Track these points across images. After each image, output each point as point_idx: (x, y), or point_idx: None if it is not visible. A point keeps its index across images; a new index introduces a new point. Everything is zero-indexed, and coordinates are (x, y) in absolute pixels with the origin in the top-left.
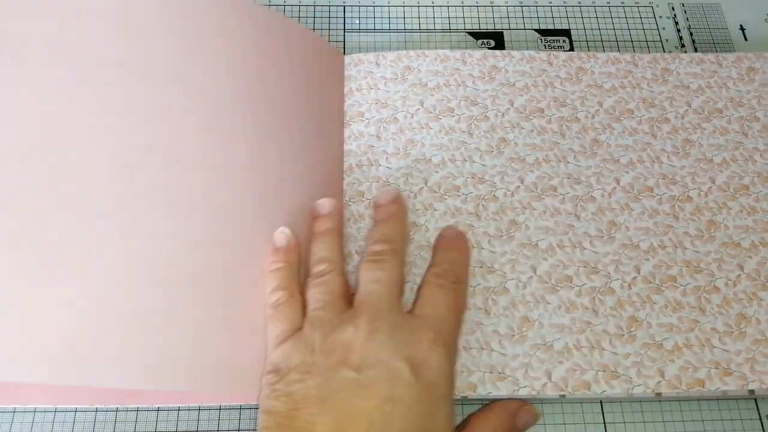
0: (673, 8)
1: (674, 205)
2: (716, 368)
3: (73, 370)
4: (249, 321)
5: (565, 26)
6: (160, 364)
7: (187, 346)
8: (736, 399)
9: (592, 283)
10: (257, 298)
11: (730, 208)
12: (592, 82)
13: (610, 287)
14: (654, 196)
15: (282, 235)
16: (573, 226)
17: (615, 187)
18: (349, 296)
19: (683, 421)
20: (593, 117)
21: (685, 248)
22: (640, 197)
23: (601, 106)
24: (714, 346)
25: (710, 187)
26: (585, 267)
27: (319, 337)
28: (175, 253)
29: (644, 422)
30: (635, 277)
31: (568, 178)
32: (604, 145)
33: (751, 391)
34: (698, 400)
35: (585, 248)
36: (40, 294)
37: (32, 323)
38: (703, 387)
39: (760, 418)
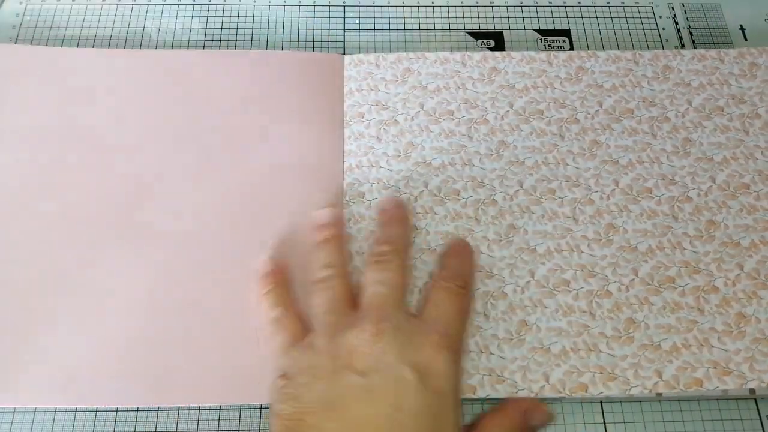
0: (672, 8)
1: (673, 205)
2: (715, 368)
3: (96, 392)
4: (246, 338)
5: (565, 26)
6: (170, 382)
7: (192, 364)
8: (736, 399)
9: (590, 286)
10: (256, 315)
11: (730, 207)
12: (592, 81)
13: (607, 290)
14: (653, 197)
15: (264, 263)
16: (571, 230)
17: (614, 189)
18: (353, 299)
19: (683, 421)
20: (593, 118)
21: (684, 249)
22: (639, 198)
23: (601, 107)
24: (713, 346)
25: (710, 186)
26: (582, 270)
27: (325, 340)
28: (178, 283)
29: (644, 422)
30: (633, 279)
31: (567, 181)
32: (603, 146)
33: (752, 391)
34: (698, 400)
35: (583, 252)
36: (66, 329)
37: (59, 355)
38: (701, 387)
39: (760, 418)
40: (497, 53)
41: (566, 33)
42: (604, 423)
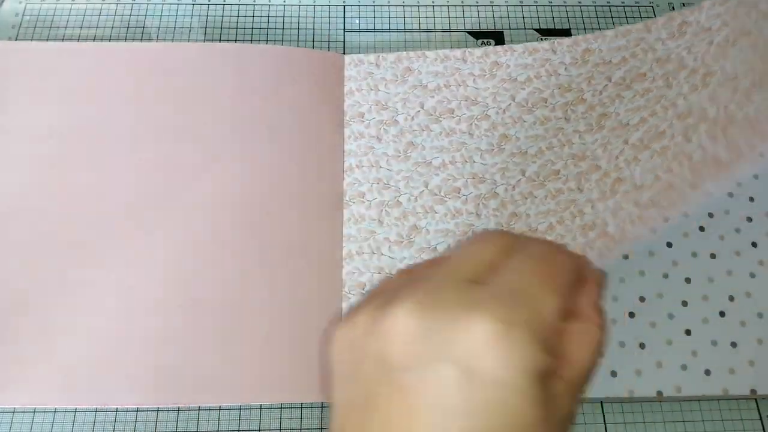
0: (673, 8)
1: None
2: None
3: (96, 392)
4: (248, 338)
5: (565, 26)
6: (170, 382)
7: (192, 364)
8: (736, 399)
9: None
10: (255, 315)
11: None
12: (599, 59)
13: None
14: (666, 159)
15: None
16: (575, 201)
17: (623, 149)
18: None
19: (684, 421)
20: (601, 93)
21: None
22: (649, 146)
23: (610, 80)
24: None
25: None
26: (584, 229)
27: (373, 305)
28: (178, 283)
29: (644, 423)
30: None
31: (572, 158)
32: (612, 117)
33: (753, 391)
34: (699, 400)
35: (585, 213)
36: (66, 329)
37: (59, 355)
38: None
39: (761, 419)
40: (499, 47)
41: (567, 33)
42: (605, 423)
